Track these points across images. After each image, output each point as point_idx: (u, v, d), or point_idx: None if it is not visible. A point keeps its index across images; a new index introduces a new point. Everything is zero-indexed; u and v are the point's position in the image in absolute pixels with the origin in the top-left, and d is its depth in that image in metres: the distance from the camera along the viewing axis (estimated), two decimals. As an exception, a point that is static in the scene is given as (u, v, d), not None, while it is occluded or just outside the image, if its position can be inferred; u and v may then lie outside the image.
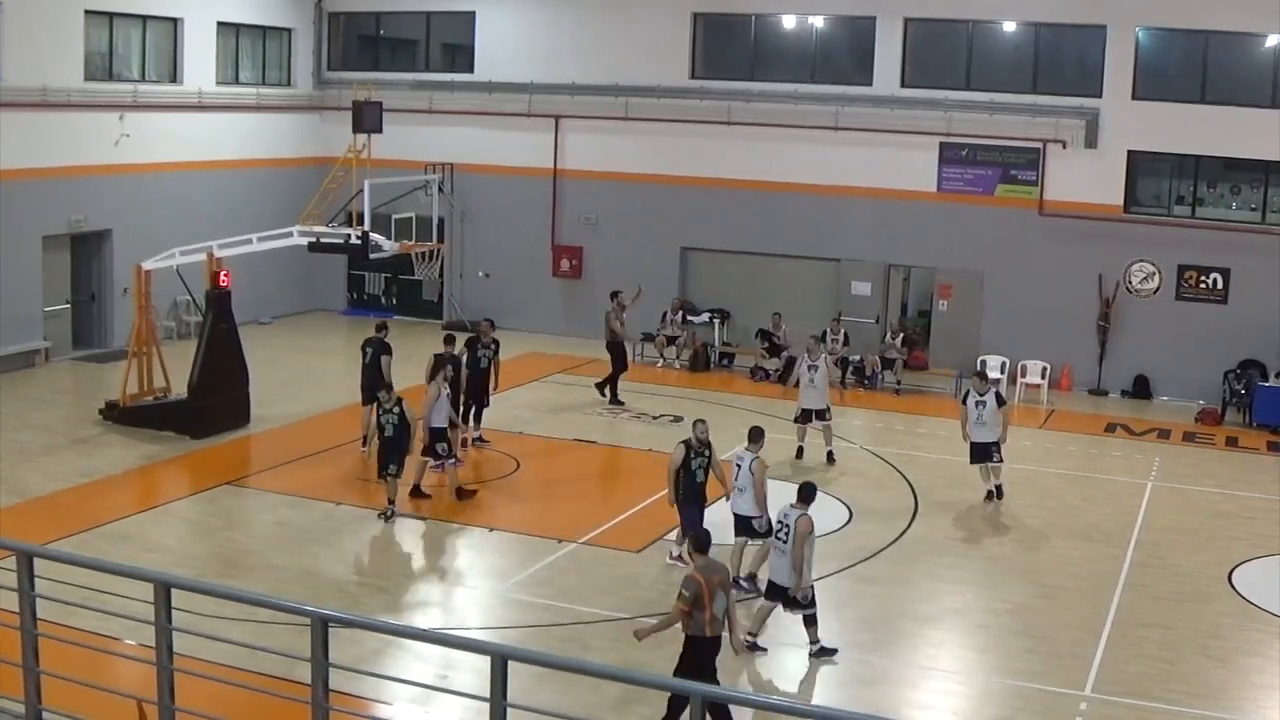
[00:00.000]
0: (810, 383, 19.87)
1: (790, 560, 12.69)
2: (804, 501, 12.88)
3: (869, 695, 12.51)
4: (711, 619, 10.57)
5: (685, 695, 9.96)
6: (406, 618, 13.92)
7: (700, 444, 14.74)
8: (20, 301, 24.34)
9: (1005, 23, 26.45)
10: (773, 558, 13.13)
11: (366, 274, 31.57)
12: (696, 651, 10.65)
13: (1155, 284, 25.49)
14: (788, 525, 12.74)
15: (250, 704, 9.58)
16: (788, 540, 12.72)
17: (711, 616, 10.56)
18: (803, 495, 12.94)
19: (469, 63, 30.33)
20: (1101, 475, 20.33)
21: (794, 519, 12.72)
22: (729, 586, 10.93)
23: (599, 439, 21.00)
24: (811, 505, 12.91)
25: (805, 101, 27.21)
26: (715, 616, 10.59)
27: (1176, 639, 13.82)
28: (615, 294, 24.14)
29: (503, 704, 6.84)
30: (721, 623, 10.69)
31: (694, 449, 14.70)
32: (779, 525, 12.93)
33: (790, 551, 12.67)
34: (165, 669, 7.78)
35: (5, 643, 8.58)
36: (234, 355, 21.12)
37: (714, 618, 10.58)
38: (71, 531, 15.69)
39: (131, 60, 27.11)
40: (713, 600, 10.53)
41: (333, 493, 17.74)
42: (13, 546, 8.22)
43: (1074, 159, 25.68)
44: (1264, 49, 24.61)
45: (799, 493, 13.00)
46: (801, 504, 12.85)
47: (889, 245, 27.19)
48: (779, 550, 12.91)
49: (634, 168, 28.85)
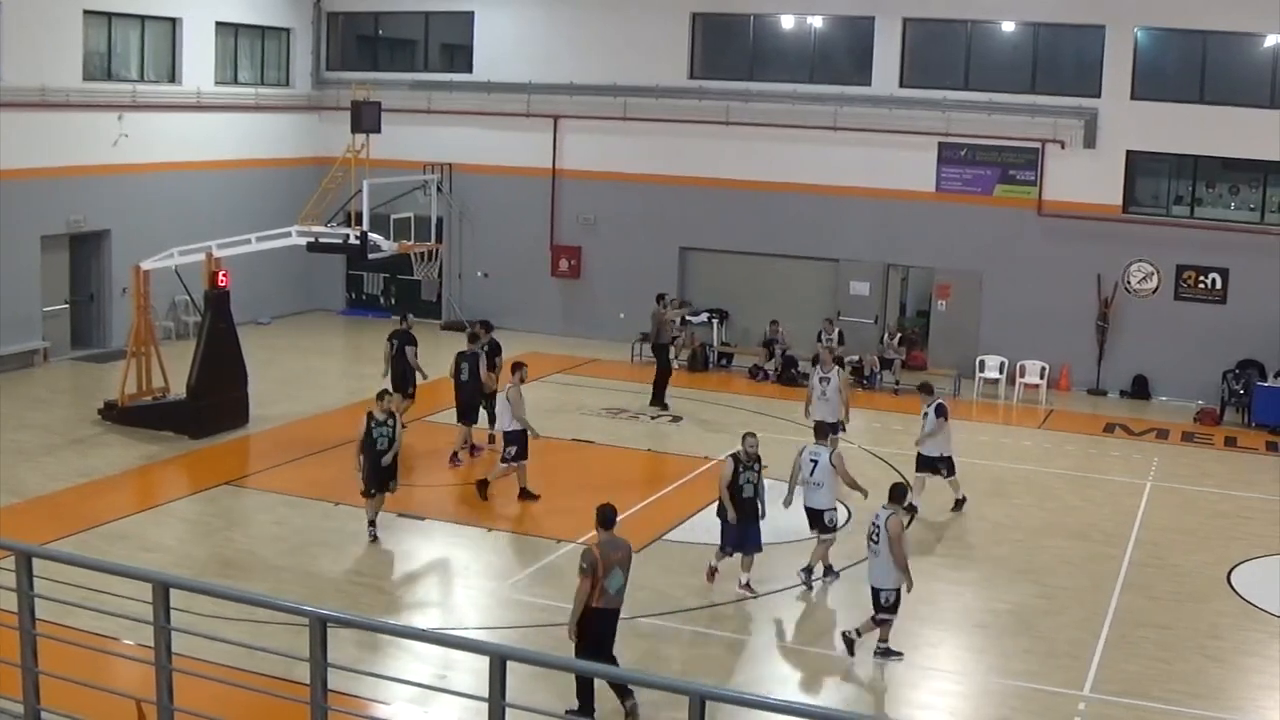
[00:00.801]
0: (822, 395, 19.04)
1: (892, 560, 12.75)
2: (894, 501, 12.98)
3: (869, 695, 12.52)
4: (602, 592, 11.12)
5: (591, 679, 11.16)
6: (406, 618, 13.92)
7: (749, 458, 14.25)
8: (19, 301, 24.33)
9: (1004, 23, 26.46)
10: (869, 560, 13.13)
11: (365, 274, 31.56)
12: (589, 620, 11.18)
13: (1154, 284, 25.50)
14: (879, 526, 12.83)
15: (249, 704, 9.57)
16: (879, 541, 12.80)
17: (602, 590, 11.11)
18: (893, 495, 13.05)
19: (468, 63, 30.33)
20: (1100, 475, 20.33)
21: (884, 519, 12.81)
22: (628, 565, 11.39)
23: (598, 439, 20.99)
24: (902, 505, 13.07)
25: (804, 101, 27.22)
26: (606, 590, 11.14)
27: (1175, 639, 13.82)
28: (661, 296, 24.37)
29: (501, 704, 6.84)
30: (614, 598, 11.25)
31: (743, 463, 14.23)
32: (872, 527, 12.97)
33: (888, 552, 12.74)
34: (164, 669, 7.78)
35: (4, 643, 8.58)
36: (233, 355, 21.12)
37: (604, 591, 11.13)
38: (70, 531, 15.69)
39: (130, 60, 27.11)
40: (607, 574, 11.11)
41: (332, 493, 17.72)
42: (11, 546, 8.21)
43: (1073, 159, 25.69)
44: (1263, 49, 24.62)
45: (890, 493, 13.10)
46: (892, 504, 12.95)
47: (888, 245, 27.20)
48: (872, 552, 12.97)
49: (633, 168, 28.85)
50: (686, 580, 15.15)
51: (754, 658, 13.39)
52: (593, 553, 11.19)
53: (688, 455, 20.25)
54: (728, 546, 14.46)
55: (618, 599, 11.33)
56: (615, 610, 11.39)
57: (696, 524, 17.19)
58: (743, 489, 14.18)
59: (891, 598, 12.83)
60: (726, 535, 14.41)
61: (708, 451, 20.36)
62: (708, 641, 13.55)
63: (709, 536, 16.65)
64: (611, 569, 11.17)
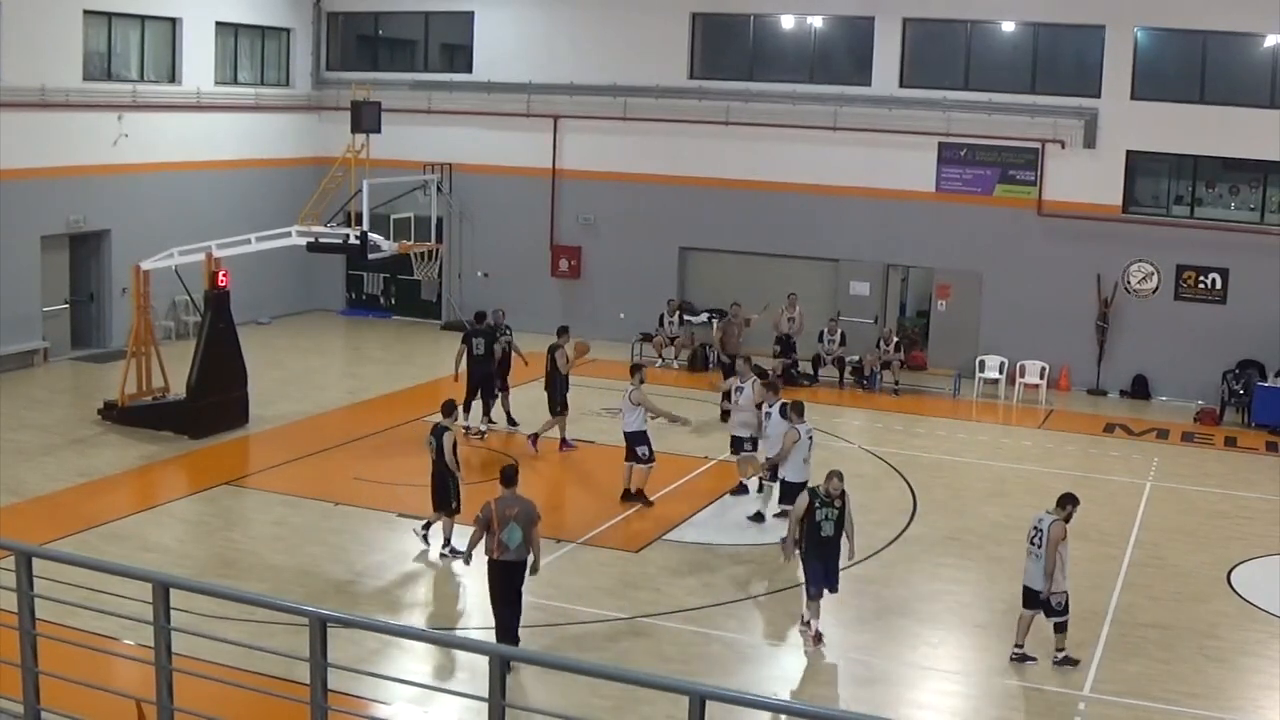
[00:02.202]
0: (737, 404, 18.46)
1: (1044, 565, 12.80)
2: (1060, 508, 13.01)
3: (868, 695, 12.51)
4: (499, 545, 12.14)
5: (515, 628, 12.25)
6: (406, 618, 13.92)
7: (829, 495, 13.36)
8: (19, 301, 24.33)
9: (1004, 23, 26.45)
10: (1028, 563, 13.16)
11: (365, 274, 31.56)
12: (489, 572, 12.39)
13: (1154, 284, 25.50)
14: (1041, 530, 12.88)
15: (249, 704, 9.57)
16: (1041, 545, 12.85)
17: (499, 543, 12.12)
18: (1061, 502, 13.10)
19: (467, 63, 30.33)
20: (1100, 475, 20.32)
21: (1048, 524, 12.86)
22: (527, 522, 12.20)
23: (598, 439, 20.99)
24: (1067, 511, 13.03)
25: (804, 101, 27.22)
26: (503, 543, 12.12)
27: (1175, 639, 13.82)
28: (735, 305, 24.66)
29: (501, 704, 6.84)
30: (512, 551, 12.17)
31: (821, 499, 13.35)
32: (1034, 530, 13.03)
33: (1044, 556, 12.79)
34: (164, 669, 7.78)
35: (4, 643, 8.58)
36: (233, 355, 21.12)
37: (501, 544, 12.13)
38: (70, 531, 15.69)
39: (130, 60, 27.11)
40: (503, 528, 12.09)
41: (332, 493, 17.73)
42: (11, 546, 8.21)
43: (1073, 159, 25.69)
44: (1262, 49, 24.61)
45: (1058, 501, 13.11)
46: (1058, 510, 12.98)
47: (888, 245, 27.20)
48: (1033, 556, 13.00)
49: (632, 168, 28.86)
50: (686, 580, 15.15)
51: (754, 658, 13.38)
52: (489, 506, 12.23)
53: (688, 455, 20.25)
54: (814, 587, 13.39)
55: (518, 552, 12.23)
56: (516, 563, 12.31)
57: (696, 524, 17.21)
58: (820, 526, 13.30)
59: (1061, 600, 12.94)
60: (812, 575, 13.38)
61: (707, 451, 20.38)
62: (708, 641, 13.54)
63: (709, 536, 16.71)
64: (507, 523, 12.11)
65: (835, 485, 13.37)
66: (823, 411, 23.67)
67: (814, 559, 13.34)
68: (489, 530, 12.21)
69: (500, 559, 12.25)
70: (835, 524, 13.36)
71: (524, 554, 12.31)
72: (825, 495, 13.36)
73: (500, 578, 12.37)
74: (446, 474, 15.45)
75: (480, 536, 12.38)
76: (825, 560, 13.36)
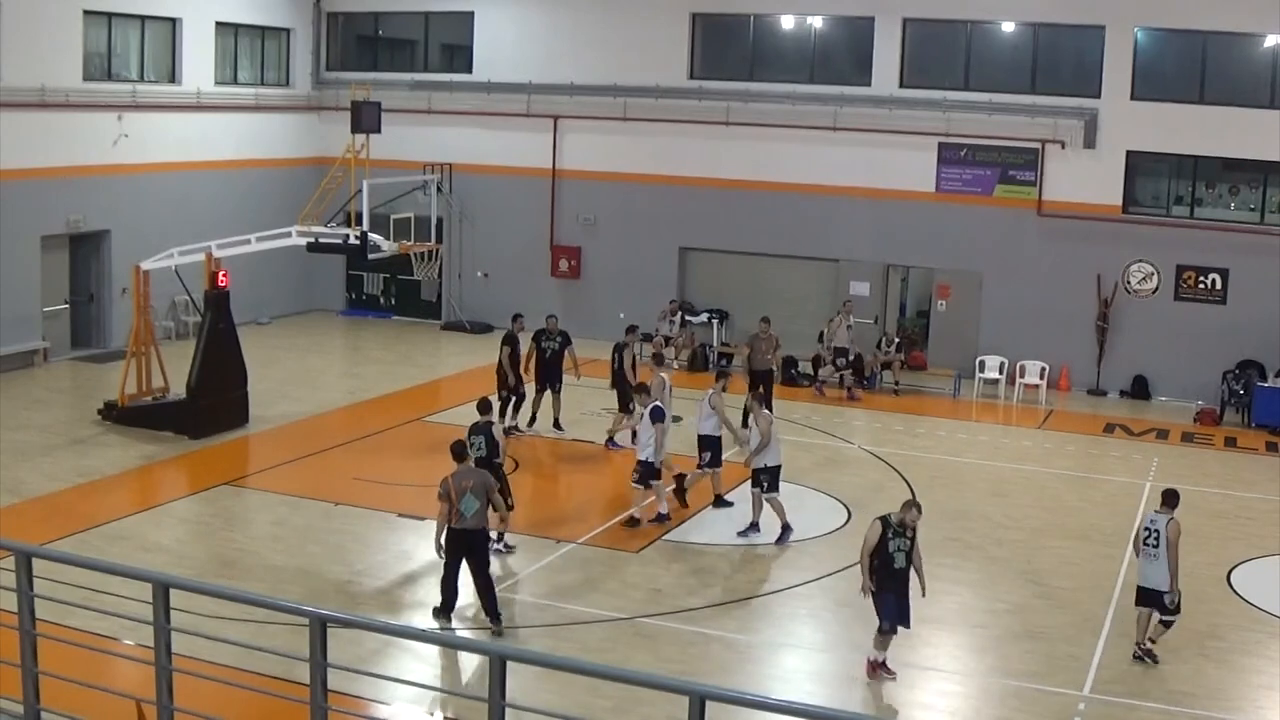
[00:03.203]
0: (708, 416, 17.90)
1: (1166, 565, 12.94)
2: (1169, 506, 13.17)
3: (869, 695, 12.50)
4: (457, 514, 13.10)
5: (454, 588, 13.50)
6: (406, 618, 13.92)
7: (904, 525, 12.61)
8: (18, 301, 24.32)
9: (1004, 23, 26.44)
10: (1143, 564, 13.24)
11: (365, 274, 31.55)
12: (447, 541, 13.30)
13: (1154, 284, 25.49)
14: (1157, 530, 13.01)
15: (249, 704, 9.57)
16: (1158, 545, 12.99)
17: (457, 512, 13.09)
18: (1167, 500, 13.24)
19: (467, 63, 30.33)
20: (1100, 475, 20.32)
21: (1163, 524, 13.00)
22: (482, 492, 13.16)
23: (598, 439, 20.98)
24: (1177, 510, 13.21)
25: (804, 102, 27.22)
26: (462, 514, 13.08)
27: (1175, 639, 13.79)
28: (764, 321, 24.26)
29: (501, 704, 6.84)
30: (469, 519, 13.10)
31: (893, 528, 12.57)
32: (1146, 531, 13.14)
33: (1165, 556, 12.94)
34: (164, 669, 7.78)
35: (4, 643, 8.58)
36: (232, 355, 21.12)
37: (459, 514, 13.09)
38: (70, 531, 15.68)
39: (130, 60, 27.10)
40: (460, 499, 13.04)
41: (332, 493, 17.73)
42: (11, 546, 8.21)
43: (1072, 159, 25.69)
44: (1262, 49, 24.61)
45: (1163, 498, 13.28)
46: (1166, 509, 13.14)
47: (888, 245, 27.19)
48: (1150, 557, 13.11)
49: (632, 168, 28.85)
50: (686, 580, 15.16)
51: (754, 658, 13.38)
52: (447, 481, 13.20)
53: (687, 455, 20.23)
54: (887, 622, 12.59)
55: (475, 520, 13.18)
56: (475, 530, 13.26)
57: (696, 524, 17.20)
58: (893, 558, 12.50)
59: (1175, 600, 13.04)
60: (885, 609, 12.59)
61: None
62: (708, 641, 13.54)
63: (709, 536, 16.71)
64: (464, 494, 13.08)
65: (913, 516, 12.65)
66: (823, 411, 23.72)
67: (887, 591, 12.56)
68: (450, 504, 13.12)
69: (458, 527, 13.18)
70: (907, 555, 12.60)
71: (480, 522, 13.27)
72: (899, 525, 12.59)
73: (457, 545, 13.28)
74: (498, 471, 15.49)
75: (446, 515, 13.17)
76: (898, 593, 12.59)
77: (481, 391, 22.03)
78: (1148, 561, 13.14)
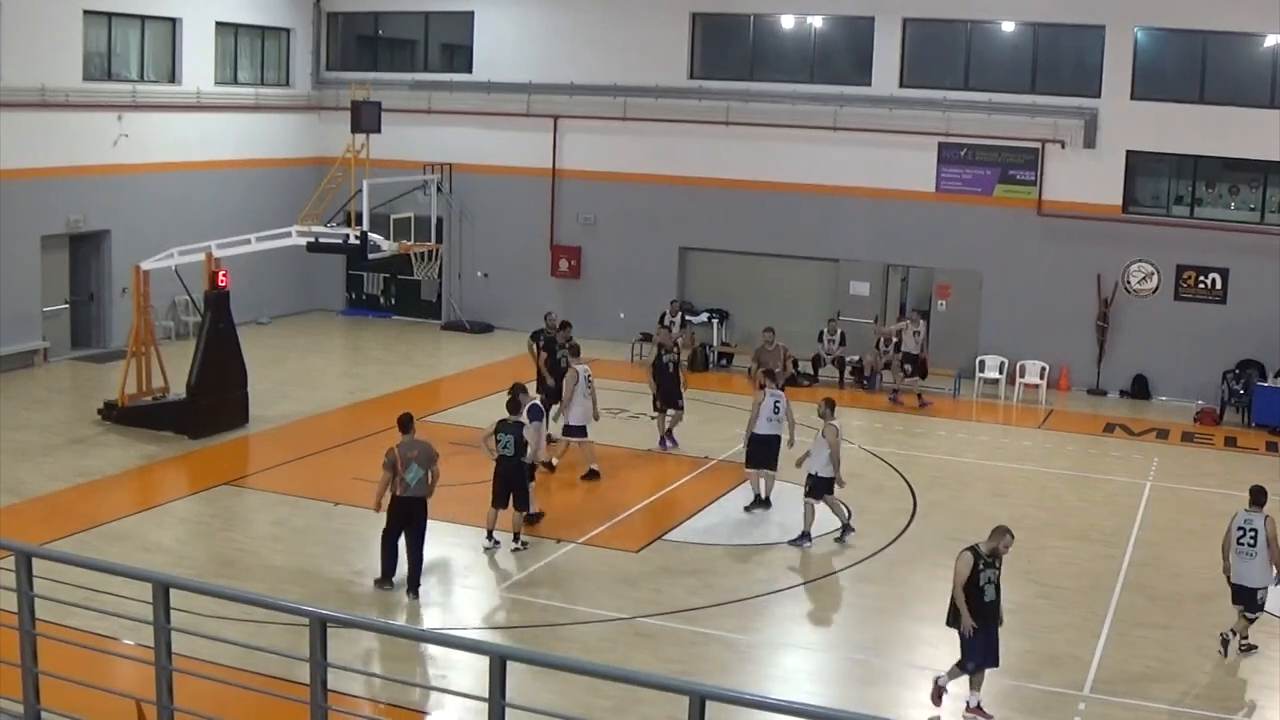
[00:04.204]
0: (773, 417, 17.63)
1: (1265, 562, 13.10)
2: (1259, 504, 13.33)
3: (869, 695, 12.51)
4: (401, 483, 13.83)
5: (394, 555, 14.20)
6: (406, 618, 13.91)
7: (993, 555, 11.80)
8: (19, 301, 24.32)
9: (1004, 23, 26.45)
10: (1238, 562, 13.29)
11: (365, 274, 31.55)
12: (390, 509, 14.07)
13: (1154, 284, 25.49)
14: (1255, 529, 13.16)
15: (249, 704, 9.57)
16: (1255, 544, 13.13)
17: (401, 480, 13.82)
18: (1257, 498, 13.38)
19: (467, 63, 30.33)
20: (1100, 475, 20.32)
21: (1261, 522, 13.15)
22: (426, 462, 13.88)
23: (598, 439, 20.96)
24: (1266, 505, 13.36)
25: (804, 101, 27.21)
26: (406, 482, 13.81)
27: (1175, 639, 13.82)
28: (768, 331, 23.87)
29: (501, 704, 6.84)
30: (412, 488, 13.84)
31: (984, 558, 11.75)
32: (1240, 531, 13.27)
33: (1264, 553, 13.09)
34: (164, 669, 7.78)
35: (4, 643, 8.58)
36: (232, 355, 21.11)
37: (403, 482, 13.82)
38: (70, 531, 15.68)
39: (130, 60, 27.11)
40: (405, 468, 13.79)
41: (332, 493, 17.72)
42: (11, 546, 8.21)
43: (1072, 159, 25.69)
44: (1262, 49, 24.61)
45: (1253, 495, 13.44)
46: (1257, 507, 13.31)
47: (888, 245, 27.19)
48: (1245, 555, 13.21)
49: (632, 168, 28.85)
50: (686, 580, 15.15)
51: (754, 658, 13.38)
52: (393, 451, 13.91)
53: (688, 456, 20.26)
54: (972, 662, 11.83)
55: (418, 489, 13.91)
56: (418, 499, 13.96)
57: (696, 524, 17.21)
58: (984, 590, 11.70)
59: (1265, 596, 13.21)
60: (971, 648, 11.79)
61: (708, 451, 20.38)
62: (708, 641, 13.54)
63: (708, 536, 16.70)
64: (409, 464, 13.81)
65: (1007, 542, 11.85)
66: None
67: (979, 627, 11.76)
68: (395, 472, 13.82)
69: (403, 495, 13.89)
70: (997, 587, 11.85)
71: (423, 491, 13.95)
72: (990, 555, 11.77)
73: (401, 512, 14.00)
74: (523, 469, 15.58)
75: (388, 482, 13.91)
76: (988, 627, 11.78)
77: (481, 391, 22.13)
78: (1242, 560, 13.24)
